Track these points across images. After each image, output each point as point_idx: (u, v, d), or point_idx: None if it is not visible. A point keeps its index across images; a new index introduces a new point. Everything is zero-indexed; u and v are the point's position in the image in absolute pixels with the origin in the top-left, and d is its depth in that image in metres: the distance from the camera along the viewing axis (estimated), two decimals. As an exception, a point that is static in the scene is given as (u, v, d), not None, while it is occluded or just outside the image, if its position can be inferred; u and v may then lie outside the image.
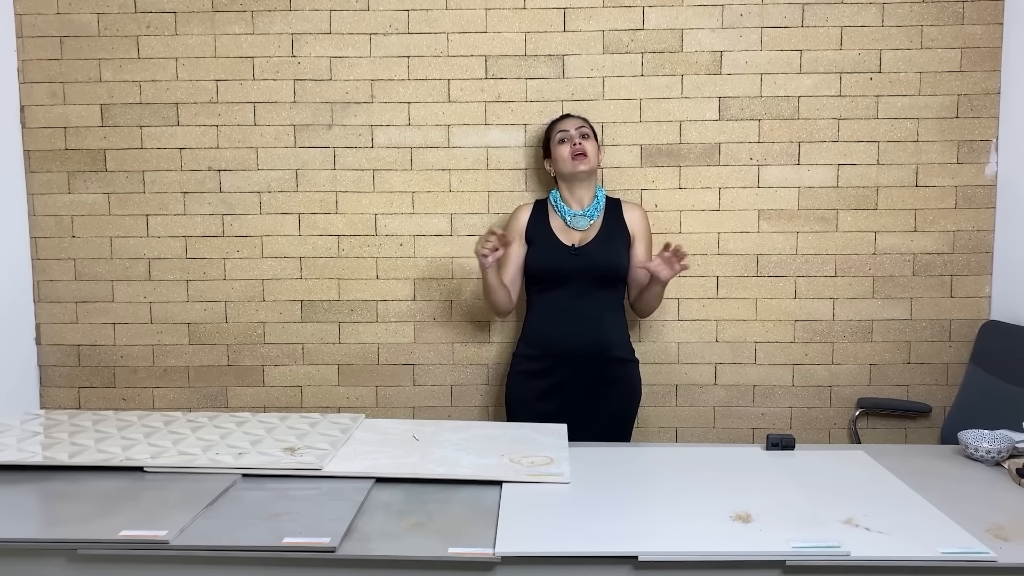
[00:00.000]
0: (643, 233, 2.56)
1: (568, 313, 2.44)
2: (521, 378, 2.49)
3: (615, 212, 2.55)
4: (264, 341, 2.88)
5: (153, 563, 1.43)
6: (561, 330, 2.44)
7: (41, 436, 1.94)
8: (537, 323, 2.50)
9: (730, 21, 2.74)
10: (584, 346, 2.42)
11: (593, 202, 2.53)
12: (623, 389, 2.48)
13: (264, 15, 2.77)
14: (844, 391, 2.85)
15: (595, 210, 2.51)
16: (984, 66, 2.73)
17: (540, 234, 2.51)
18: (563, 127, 2.53)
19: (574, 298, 2.44)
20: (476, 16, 2.75)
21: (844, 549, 1.40)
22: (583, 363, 2.43)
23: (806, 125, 2.77)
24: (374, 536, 1.47)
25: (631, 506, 1.60)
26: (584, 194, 2.52)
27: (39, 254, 2.86)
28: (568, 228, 2.50)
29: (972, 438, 1.93)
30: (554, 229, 2.51)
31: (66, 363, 2.89)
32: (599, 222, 2.51)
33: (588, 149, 2.48)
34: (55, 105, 2.80)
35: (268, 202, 2.83)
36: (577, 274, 2.43)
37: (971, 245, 2.79)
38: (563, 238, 2.49)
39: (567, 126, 2.53)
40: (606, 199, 2.57)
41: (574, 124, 2.53)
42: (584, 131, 2.52)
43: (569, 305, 2.44)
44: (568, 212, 2.51)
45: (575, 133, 2.50)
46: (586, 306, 2.44)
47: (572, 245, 2.47)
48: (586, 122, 2.57)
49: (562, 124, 2.55)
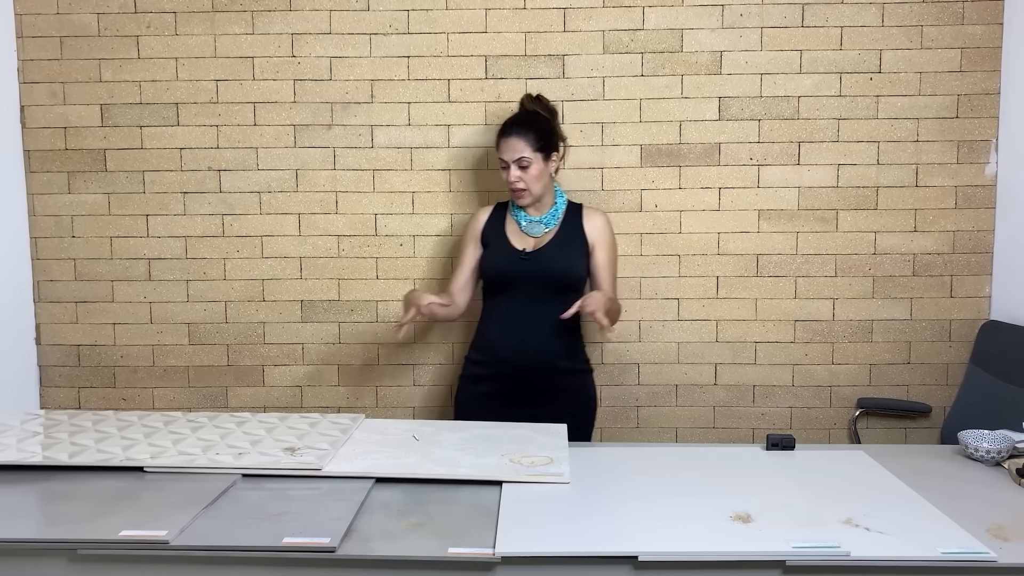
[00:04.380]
0: (604, 241, 2.42)
1: (517, 320, 2.34)
2: (467, 383, 2.42)
3: (574, 219, 2.43)
4: (264, 341, 2.88)
5: (153, 563, 1.43)
6: (507, 338, 2.34)
7: (41, 436, 1.94)
8: (485, 329, 2.42)
9: (730, 21, 2.74)
10: (528, 355, 2.31)
11: (551, 208, 2.41)
12: (571, 399, 2.36)
13: (264, 15, 2.77)
14: (844, 391, 2.85)
15: (553, 217, 2.40)
16: (984, 66, 2.73)
17: (494, 237, 2.42)
18: (502, 153, 2.34)
19: (525, 305, 2.34)
20: (476, 16, 2.75)
21: (844, 549, 1.40)
22: (526, 372, 2.32)
23: (806, 125, 2.77)
24: (374, 536, 1.47)
25: (631, 506, 1.60)
26: (542, 202, 2.40)
27: (39, 254, 2.86)
28: (523, 233, 2.40)
29: (972, 438, 1.93)
30: (508, 233, 2.41)
31: (66, 363, 2.89)
32: (555, 229, 2.40)
33: (527, 182, 2.31)
34: (55, 105, 2.80)
35: (268, 202, 2.83)
36: (527, 280, 2.33)
37: (971, 245, 2.79)
38: (516, 243, 2.39)
39: (506, 154, 2.33)
40: (568, 204, 2.45)
41: (512, 154, 2.31)
42: (523, 162, 2.31)
43: (519, 312, 2.34)
44: (524, 217, 2.40)
45: (513, 167, 2.32)
46: (537, 314, 2.32)
47: (523, 250, 2.36)
48: (528, 140, 2.31)
49: (502, 147, 2.35)
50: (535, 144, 2.32)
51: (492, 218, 2.47)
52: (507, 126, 2.37)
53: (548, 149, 2.36)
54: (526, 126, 2.35)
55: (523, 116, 2.42)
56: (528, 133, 2.33)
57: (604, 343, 2.84)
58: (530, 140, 2.32)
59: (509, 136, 2.34)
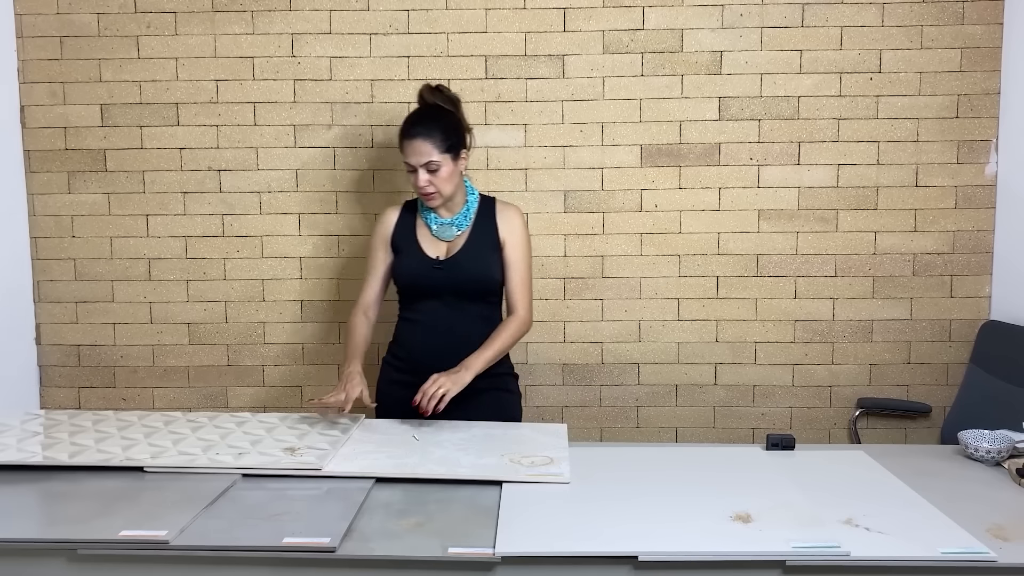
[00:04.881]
0: (515, 240, 2.24)
1: (433, 327, 2.22)
2: (385, 384, 2.32)
3: (487, 216, 2.25)
4: (264, 341, 2.88)
5: (153, 563, 1.43)
6: (424, 345, 2.22)
7: (41, 436, 1.94)
8: (401, 333, 2.29)
9: (730, 21, 2.74)
10: (445, 361, 2.13)
11: (463, 208, 2.23)
12: (490, 403, 2.21)
13: (264, 15, 2.77)
14: (844, 391, 2.85)
15: (464, 218, 2.22)
16: (984, 66, 2.73)
17: (405, 244, 2.24)
18: (407, 156, 2.14)
19: (441, 311, 2.21)
20: (476, 16, 2.75)
21: (844, 549, 1.40)
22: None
23: (806, 125, 2.77)
24: (374, 536, 1.47)
25: (631, 506, 1.60)
26: (453, 201, 2.22)
27: (39, 254, 2.86)
28: (435, 237, 2.23)
29: (972, 438, 1.93)
30: (420, 239, 2.23)
31: (66, 363, 2.89)
32: (468, 230, 2.23)
33: (438, 185, 2.13)
34: (55, 105, 2.80)
35: (268, 202, 2.83)
36: (443, 289, 2.20)
37: (971, 245, 2.79)
38: (429, 249, 2.22)
39: (411, 158, 2.13)
40: (480, 199, 2.27)
41: (419, 158, 2.11)
42: (432, 165, 2.11)
43: (435, 319, 2.21)
44: (434, 221, 2.22)
45: (421, 171, 2.12)
46: (455, 320, 2.20)
47: (437, 258, 2.20)
48: (435, 142, 2.11)
49: (407, 150, 2.14)
50: (442, 145, 2.12)
51: (401, 221, 2.28)
52: (409, 126, 2.15)
53: (457, 147, 2.17)
54: (431, 125, 2.13)
55: (426, 113, 2.19)
56: (434, 133, 2.12)
57: (604, 343, 2.84)
58: (437, 141, 2.11)
59: (413, 139, 2.12)
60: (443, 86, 2.28)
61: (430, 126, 2.13)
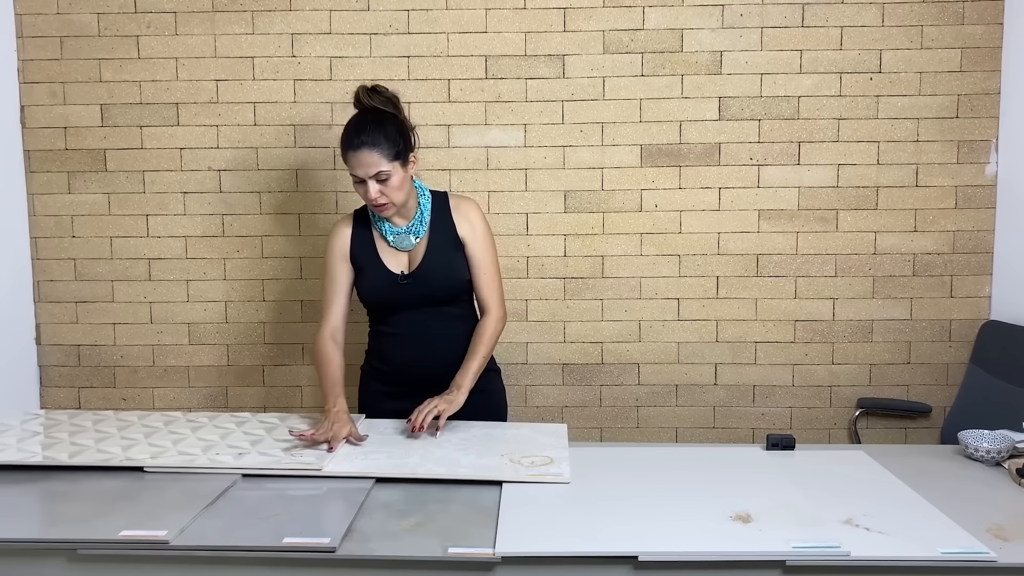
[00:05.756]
0: (476, 235, 2.15)
1: (412, 336, 2.15)
2: (368, 396, 2.27)
3: (443, 215, 2.14)
4: (264, 341, 2.88)
5: (153, 563, 1.43)
6: (404, 356, 2.16)
7: (41, 436, 1.94)
8: (379, 346, 2.23)
9: (730, 21, 2.74)
10: (429, 368, 2.12)
11: (417, 213, 2.11)
12: (479, 401, 2.12)
13: (264, 15, 2.77)
14: (844, 391, 2.85)
15: (420, 224, 2.11)
16: (984, 66, 2.73)
17: (365, 261, 2.13)
18: (354, 169, 2.00)
19: (416, 318, 2.14)
20: (476, 16, 2.75)
21: (844, 549, 1.40)
22: (430, 384, 2.09)
23: (806, 125, 2.77)
24: (374, 536, 1.47)
25: (631, 506, 1.60)
26: (406, 207, 2.10)
27: (39, 254, 2.86)
28: (393, 248, 2.13)
29: (972, 438, 1.93)
30: (380, 253, 2.12)
31: (66, 363, 2.89)
32: (427, 235, 2.12)
33: (389, 195, 2.00)
34: (55, 105, 2.80)
35: (268, 202, 2.83)
36: (412, 301, 2.12)
37: (971, 245, 2.79)
38: (391, 264, 2.11)
39: (359, 170, 1.98)
40: (432, 198, 2.16)
41: (368, 169, 1.97)
42: (382, 176, 1.98)
43: (411, 328, 2.14)
44: (390, 231, 2.11)
45: (371, 182, 1.99)
46: (430, 323, 2.14)
47: (402, 273, 2.11)
48: (383, 150, 1.97)
49: (352, 162, 1.99)
50: (390, 152, 1.98)
51: (357, 236, 2.15)
52: (352, 136, 1.99)
53: (405, 152, 2.03)
54: (375, 133, 1.98)
55: (368, 120, 2.01)
56: (379, 141, 1.97)
57: (604, 343, 2.84)
58: (384, 149, 1.97)
59: (359, 149, 1.97)
60: (379, 86, 2.10)
61: (374, 134, 1.98)
